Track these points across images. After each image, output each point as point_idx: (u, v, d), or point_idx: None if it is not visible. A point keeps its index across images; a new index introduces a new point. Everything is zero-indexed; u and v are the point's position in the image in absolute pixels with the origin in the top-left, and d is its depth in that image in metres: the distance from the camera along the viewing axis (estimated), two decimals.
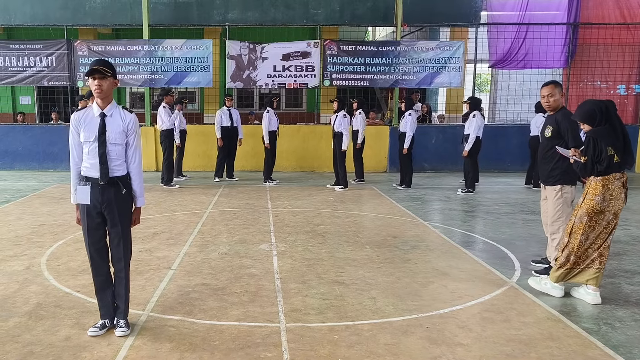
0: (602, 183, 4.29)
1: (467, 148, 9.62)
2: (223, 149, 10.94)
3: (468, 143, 9.59)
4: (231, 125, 10.90)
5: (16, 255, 5.59)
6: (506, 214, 8.06)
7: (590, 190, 4.35)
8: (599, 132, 4.25)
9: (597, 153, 4.23)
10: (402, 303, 4.34)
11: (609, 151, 4.20)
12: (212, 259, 5.52)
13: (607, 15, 12.82)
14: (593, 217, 4.33)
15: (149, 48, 12.19)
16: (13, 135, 12.57)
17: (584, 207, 4.36)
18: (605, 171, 4.26)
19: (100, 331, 3.68)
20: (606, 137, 4.23)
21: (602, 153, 4.20)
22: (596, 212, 4.32)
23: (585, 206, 4.36)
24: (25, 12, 12.57)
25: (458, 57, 12.32)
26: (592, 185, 4.35)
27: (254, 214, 7.83)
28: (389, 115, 13.51)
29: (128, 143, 3.66)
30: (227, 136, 10.91)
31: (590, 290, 4.40)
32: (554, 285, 4.52)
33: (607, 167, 4.23)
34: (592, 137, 4.27)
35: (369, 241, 6.33)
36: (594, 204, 4.31)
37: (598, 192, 4.30)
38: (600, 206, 4.30)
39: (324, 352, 3.46)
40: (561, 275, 4.47)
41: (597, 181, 4.32)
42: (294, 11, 12.77)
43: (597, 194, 4.30)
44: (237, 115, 11.07)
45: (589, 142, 4.28)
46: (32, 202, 8.58)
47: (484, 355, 3.45)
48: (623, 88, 12.93)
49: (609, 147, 4.20)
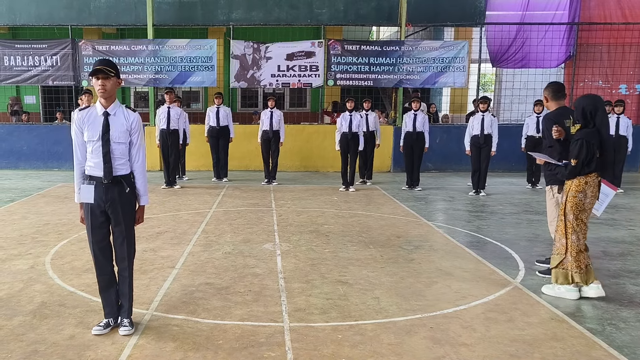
0: (584, 180, 4.36)
1: (494, 148, 9.62)
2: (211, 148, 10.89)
3: (495, 143, 9.59)
4: (217, 124, 10.68)
5: (21, 254, 5.60)
6: (510, 214, 8.04)
7: (573, 187, 4.39)
8: (590, 134, 4.30)
9: (590, 156, 4.28)
10: (405, 303, 4.34)
11: (597, 154, 4.29)
12: (216, 259, 5.53)
13: (607, 15, 12.81)
14: (578, 216, 4.39)
15: (153, 48, 12.21)
16: (18, 135, 12.62)
17: (568, 206, 4.41)
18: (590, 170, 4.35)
19: (104, 330, 3.69)
20: (595, 139, 4.29)
21: (594, 155, 4.28)
22: (580, 209, 4.38)
23: (569, 204, 4.40)
24: (30, 11, 12.61)
25: (462, 57, 12.30)
26: (574, 182, 4.39)
27: (258, 213, 7.83)
28: (393, 115, 13.49)
29: (132, 142, 3.67)
30: (212, 136, 10.76)
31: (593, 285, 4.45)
32: (568, 288, 4.46)
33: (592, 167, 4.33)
34: (585, 139, 4.30)
35: (372, 241, 6.32)
36: (577, 201, 4.37)
37: (581, 189, 4.36)
38: (583, 203, 4.36)
39: (328, 351, 3.46)
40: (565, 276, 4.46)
41: (579, 178, 4.37)
42: (298, 11, 12.77)
43: (579, 191, 4.36)
44: (224, 114, 10.75)
45: (582, 145, 4.30)
46: (36, 201, 8.61)
47: (487, 355, 3.44)
48: (625, 88, 12.90)
49: (597, 150, 4.29)
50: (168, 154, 10.03)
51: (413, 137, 10.10)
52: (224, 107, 10.86)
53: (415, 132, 10.07)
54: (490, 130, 9.51)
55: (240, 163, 12.48)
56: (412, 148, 10.16)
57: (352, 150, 9.82)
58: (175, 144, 10.09)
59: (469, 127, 9.75)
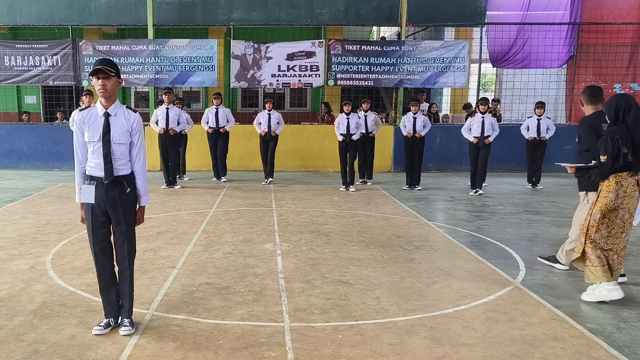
0: (615, 180, 4.28)
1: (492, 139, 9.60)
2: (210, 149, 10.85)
3: (494, 137, 9.58)
4: (216, 126, 10.62)
5: (21, 254, 5.61)
6: (511, 214, 8.04)
7: (604, 188, 4.32)
8: (616, 131, 4.24)
9: (616, 151, 4.19)
10: (406, 303, 4.34)
11: (623, 149, 4.19)
12: (217, 259, 5.53)
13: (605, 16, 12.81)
14: (606, 215, 4.31)
15: (153, 48, 12.22)
16: (18, 135, 12.62)
17: (597, 205, 4.34)
18: (619, 168, 4.24)
19: (104, 330, 3.69)
20: (622, 136, 4.21)
21: (619, 151, 4.19)
22: (610, 209, 4.29)
23: (599, 204, 4.33)
24: (30, 11, 12.62)
25: (463, 57, 12.30)
26: (605, 183, 4.32)
27: (258, 213, 7.83)
28: (393, 115, 13.49)
29: (132, 142, 3.67)
30: (211, 137, 10.71)
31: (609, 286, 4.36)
32: (609, 289, 4.31)
33: (622, 165, 4.22)
34: (610, 135, 4.24)
35: (373, 241, 6.32)
36: (608, 202, 4.29)
37: (611, 189, 4.28)
38: (614, 203, 4.28)
39: (328, 351, 3.46)
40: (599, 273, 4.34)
41: (610, 178, 4.29)
42: (299, 11, 12.78)
43: (610, 191, 4.28)
44: (223, 114, 10.67)
45: (607, 140, 4.24)
46: (37, 201, 8.61)
47: (488, 355, 3.44)
48: (619, 87, 12.91)
49: (623, 146, 4.19)
50: (167, 155, 10.02)
51: (414, 138, 10.10)
52: (223, 108, 10.81)
53: (415, 134, 10.07)
54: (491, 132, 9.50)
55: (240, 163, 12.48)
56: (412, 148, 10.16)
57: (350, 151, 9.84)
58: (174, 145, 10.07)
59: (467, 126, 9.75)
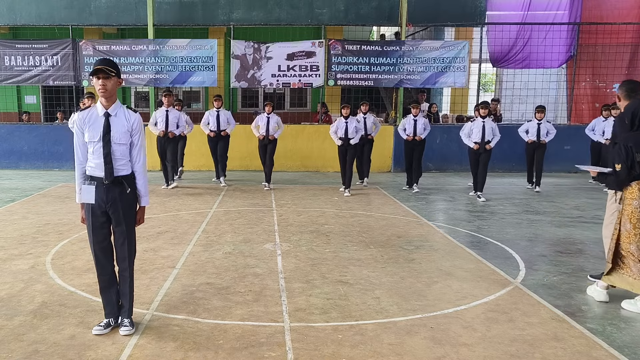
0: (637, 187, 4.20)
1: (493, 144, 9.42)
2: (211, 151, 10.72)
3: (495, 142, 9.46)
4: (217, 129, 10.41)
5: (21, 254, 5.61)
6: (511, 214, 8.04)
7: (627, 195, 4.24)
8: (630, 139, 4.18)
9: (630, 159, 4.12)
10: (406, 303, 4.34)
11: (637, 157, 4.12)
12: (217, 259, 5.53)
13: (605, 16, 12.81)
14: (636, 224, 4.20)
15: (153, 48, 12.22)
16: (18, 135, 12.62)
17: (624, 215, 4.25)
18: (638, 176, 4.16)
19: (104, 330, 3.69)
20: (636, 144, 4.14)
21: (635, 159, 4.12)
22: (638, 218, 4.19)
23: (625, 212, 4.25)
24: (30, 11, 12.62)
25: (463, 57, 12.30)
26: (628, 190, 4.25)
27: (258, 213, 7.83)
28: (393, 115, 13.49)
29: (132, 143, 3.67)
30: (212, 139, 10.53)
31: None
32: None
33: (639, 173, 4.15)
34: (624, 144, 4.18)
35: (373, 241, 6.32)
36: (633, 209, 4.20)
37: (635, 196, 4.20)
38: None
39: (328, 351, 3.46)
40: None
41: (632, 185, 4.21)
42: (299, 11, 12.78)
43: (634, 198, 4.20)
44: (224, 117, 10.50)
45: (620, 148, 4.17)
46: (37, 201, 8.61)
47: (488, 355, 3.44)
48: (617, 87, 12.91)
49: (637, 154, 4.12)
50: (166, 157, 9.99)
51: (414, 140, 10.06)
52: (224, 111, 10.64)
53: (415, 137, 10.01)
54: (491, 137, 9.33)
55: (240, 163, 12.48)
56: (412, 150, 10.15)
57: (349, 155, 9.82)
58: (173, 147, 10.02)
59: (466, 129, 9.48)
